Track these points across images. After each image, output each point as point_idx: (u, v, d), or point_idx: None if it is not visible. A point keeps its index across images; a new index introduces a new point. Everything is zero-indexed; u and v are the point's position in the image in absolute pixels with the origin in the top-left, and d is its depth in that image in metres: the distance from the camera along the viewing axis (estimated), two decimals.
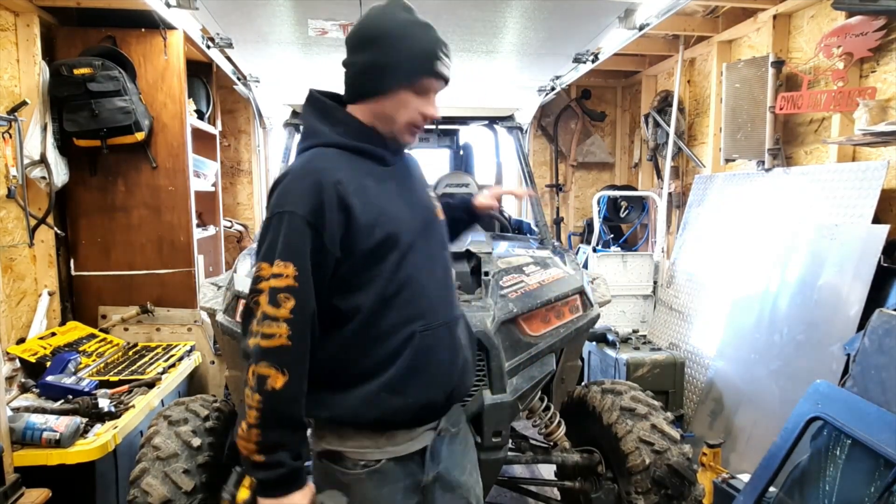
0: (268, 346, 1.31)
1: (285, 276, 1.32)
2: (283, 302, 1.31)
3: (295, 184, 1.39)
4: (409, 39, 1.43)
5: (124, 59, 3.73)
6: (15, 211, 3.42)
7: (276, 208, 1.37)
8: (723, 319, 3.96)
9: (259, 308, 1.32)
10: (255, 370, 1.30)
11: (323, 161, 1.43)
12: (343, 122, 1.48)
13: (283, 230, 1.34)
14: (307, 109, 1.53)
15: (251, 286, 1.36)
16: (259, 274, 1.34)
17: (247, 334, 1.34)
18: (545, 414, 2.56)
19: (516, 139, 3.50)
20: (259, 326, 1.31)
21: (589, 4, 2.71)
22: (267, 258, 1.34)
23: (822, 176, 3.49)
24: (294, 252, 1.34)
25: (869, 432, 2.06)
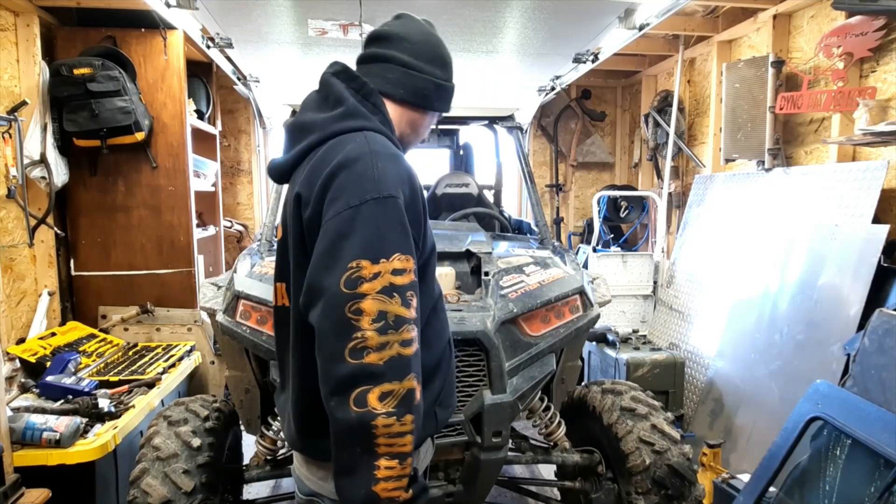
0: (409, 355, 1.10)
1: (408, 270, 1.13)
2: (412, 301, 1.13)
3: (387, 168, 1.20)
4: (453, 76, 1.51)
5: (124, 59, 3.73)
6: (15, 211, 3.42)
7: (366, 193, 1.14)
8: (723, 319, 3.96)
9: (364, 317, 1.08)
10: (397, 388, 1.08)
11: (395, 147, 1.32)
12: (382, 112, 1.39)
13: (392, 218, 1.15)
14: (340, 85, 1.37)
15: (343, 293, 1.10)
16: (358, 275, 1.10)
17: (347, 354, 1.08)
18: (545, 414, 2.56)
19: (516, 139, 3.50)
20: (387, 336, 1.08)
21: (589, 4, 2.71)
22: (368, 253, 1.11)
23: (822, 176, 3.49)
24: (410, 243, 1.17)
25: (869, 432, 2.06)
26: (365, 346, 1.07)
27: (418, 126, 1.48)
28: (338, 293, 1.09)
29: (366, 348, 1.07)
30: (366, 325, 1.08)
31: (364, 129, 1.30)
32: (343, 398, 1.07)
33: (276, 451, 2.47)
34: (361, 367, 1.07)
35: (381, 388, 1.07)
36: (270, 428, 2.44)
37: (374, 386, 1.07)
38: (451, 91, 1.49)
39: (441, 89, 1.46)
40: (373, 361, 1.07)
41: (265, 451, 2.45)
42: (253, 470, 2.42)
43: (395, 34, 1.43)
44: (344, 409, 1.07)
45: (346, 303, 1.09)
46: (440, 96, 1.46)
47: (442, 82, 1.46)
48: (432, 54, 1.45)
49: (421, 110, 1.46)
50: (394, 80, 1.40)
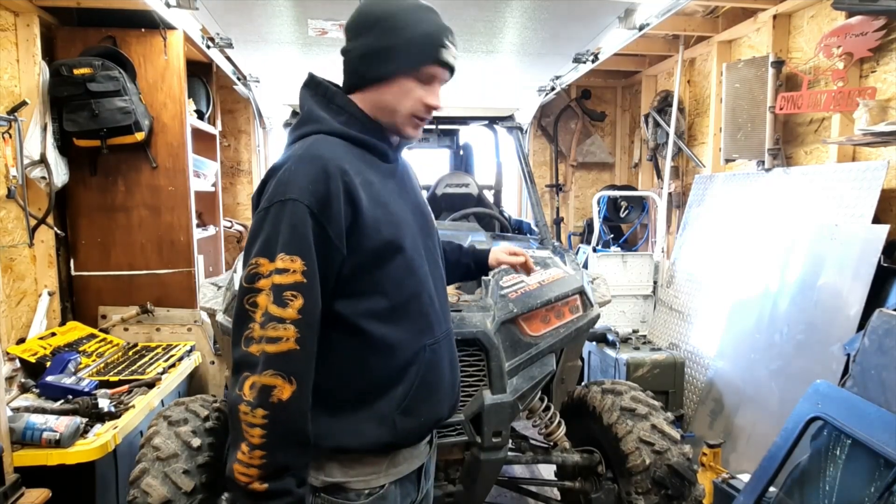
0: (274, 352, 1.15)
1: (292, 270, 1.18)
2: (291, 301, 1.17)
3: (298, 170, 1.23)
4: (412, 23, 1.33)
5: (124, 59, 3.73)
6: (15, 211, 3.42)
7: (275, 197, 1.22)
8: (723, 319, 3.96)
9: (258, 310, 1.17)
10: (258, 381, 1.14)
11: (327, 149, 1.29)
12: (346, 110, 1.36)
13: (286, 220, 1.19)
14: (306, 94, 1.40)
15: (244, 286, 1.20)
16: (256, 271, 1.18)
17: (241, 341, 1.18)
18: (545, 414, 2.56)
19: (516, 139, 3.50)
20: (262, 330, 1.16)
21: (589, 4, 2.71)
22: (265, 252, 1.19)
23: (822, 176, 3.49)
24: (300, 244, 1.19)
25: (869, 432, 2.06)
26: (251, 335, 1.17)
27: (387, 103, 1.36)
28: (242, 285, 1.21)
29: (251, 338, 1.17)
30: (257, 318, 1.17)
31: (314, 133, 1.33)
32: (235, 379, 1.18)
33: None
34: (245, 354, 1.17)
35: (252, 378, 1.15)
36: None
37: (250, 375, 1.15)
38: (383, 50, 1.32)
39: (369, 56, 1.34)
40: (252, 351, 1.16)
41: None
42: None
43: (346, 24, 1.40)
44: (232, 388, 1.19)
45: (245, 294, 1.19)
46: (372, 62, 1.34)
47: (368, 48, 1.33)
48: (355, 26, 1.37)
49: (370, 89, 1.36)
50: (344, 74, 1.40)
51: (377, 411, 1.31)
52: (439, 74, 1.37)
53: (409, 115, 1.37)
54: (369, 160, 1.36)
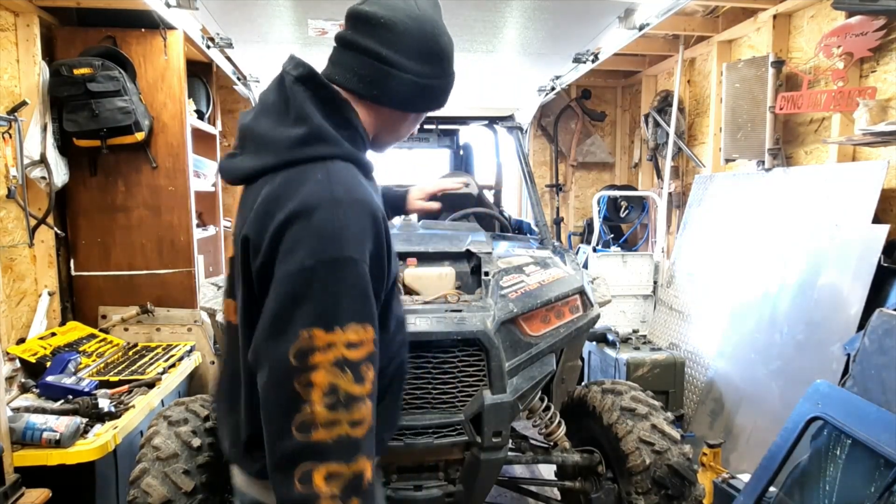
0: (361, 436, 1.00)
1: (365, 342, 1.03)
2: (367, 374, 1.03)
3: (347, 219, 1.06)
4: (452, 71, 1.31)
5: (124, 59, 3.73)
6: (15, 211, 3.42)
7: (324, 252, 1.02)
8: (723, 319, 3.96)
9: (315, 389, 0.98)
10: (349, 471, 0.98)
11: (362, 186, 1.14)
12: (350, 124, 1.22)
13: (350, 283, 1.03)
14: (303, 94, 1.19)
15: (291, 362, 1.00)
16: (311, 345, 0.99)
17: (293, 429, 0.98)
18: (545, 414, 2.56)
19: (516, 139, 3.50)
20: (337, 413, 0.99)
21: (589, 4, 2.71)
22: (327, 322, 1.00)
23: (822, 176, 3.49)
24: (369, 311, 1.06)
25: (869, 432, 2.06)
26: (313, 420, 0.98)
27: (398, 128, 1.32)
28: (286, 364, 1.00)
29: (314, 424, 0.98)
30: (316, 399, 0.99)
31: (328, 158, 1.15)
32: (288, 474, 0.98)
33: None
34: (308, 443, 0.98)
35: (327, 468, 0.98)
36: None
37: (320, 464, 0.98)
38: (442, 88, 1.29)
39: (428, 90, 1.26)
40: (321, 439, 0.98)
41: None
42: None
43: (376, 17, 1.20)
44: (288, 485, 0.99)
45: (296, 375, 1.00)
46: (427, 96, 1.27)
47: (429, 81, 1.25)
48: (420, 47, 1.22)
49: (396, 110, 1.27)
50: (367, 77, 1.21)
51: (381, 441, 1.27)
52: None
53: (398, 140, 1.37)
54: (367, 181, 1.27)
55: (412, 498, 2.21)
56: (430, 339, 2.10)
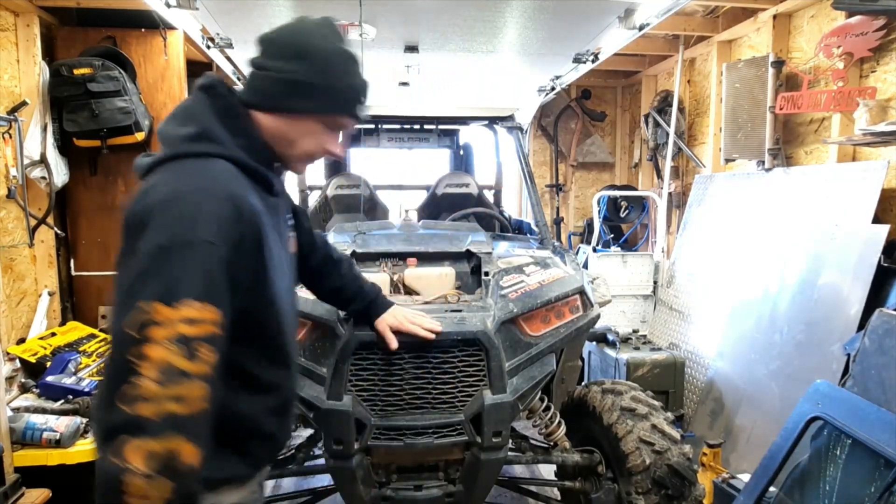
0: (182, 414, 1.00)
1: (205, 321, 1.04)
2: (203, 355, 1.03)
3: (206, 206, 1.10)
4: (343, 72, 1.31)
5: (124, 59, 3.73)
6: (15, 211, 3.42)
7: (178, 233, 1.06)
8: (723, 319, 3.96)
9: (149, 363, 0.99)
10: (157, 447, 0.97)
11: (234, 182, 1.19)
12: (247, 133, 1.28)
13: (199, 265, 1.06)
14: (203, 100, 1.28)
15: (128, 334, 1.01)
16: (150, 318, 1.00)
17: (122, 400, 0.98)
18: (545, 414, 2.56)
19: (516, 139, 3.50)
20: (162, 388, 0.98)
21: (589, 4, 2.71)
22: (165, 297, 1.02)
23: (822, 176, 3.49)
24: (216, 293, 1.07)
25: (869, 432, 2.06)
26: (138, 394, 0.98)
27: (289, 137, 1.30)
28: (124, 335, 1.01)
29: (139, 397, 0.97)
30: (146, 373, 0.98)
31: (211, 156, 1.20)
32: (107, 444, 0.98)
33: None
34: (129, 416, 0.97)
35: (141, 444, 0.96)
36: None
37: (136, 439, 0.96)
38: (309, 86, 1.28)
39: (295, 85, 1.27)
40: (141, 413, 0.97)
41: None
42: None
43: (267, 38, 1.32)
44: (105, 455, 0.98)
45: (131, 346, 1.00)
46: (295, 93, 1.27)
47: (294, 76, 1.27)
48: (287, 47, 1.29)
49: (280, 115, 1.29)
50: (252, 86, 1.30)
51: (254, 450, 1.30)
52: (347, 126, 1.37)
53: (305, 155, 1.35)
54: (260, 193, 1.28)
55: (412, 498, 2.21)
56: (430, 339, 2.10)
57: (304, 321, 2.18)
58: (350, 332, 2.06)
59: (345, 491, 2.24)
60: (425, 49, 3.02)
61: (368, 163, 4.96)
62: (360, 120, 1.37)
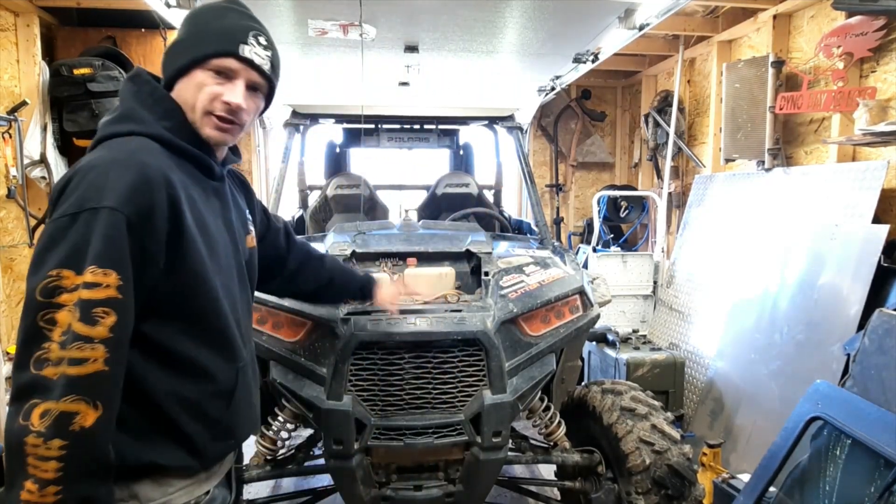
0: (78, 374, 1.03)
1: (105, 285, 1.07)
2: (102, 318, 1.06)
3: (116, 175, 1.12)
4: (214, 18, 1.32)
5: (124, 59, 3.73)
6: (15, 211, 3.42)
7: (85, 202, 1.09)
8: (723, 319, 3.96)
9: (56, 328, 1.03)
10: (55, 408, 1.01)
11: (150, 155, 1.19)
12: (174, 116, 1.28)
13: (100, 230, 1.08)
14: (129, 89, 1.30)
15: (38, 300, 1.05)
16: (57, 284, 1.04)
17: (30, 364, 1.02)
18: (545, 414, 2.56)
19: (516, 139, 3.50)
20: (63, 350, 1.03)
21: (589, 4, 2.71)
22: (71, 264, 1.06)
23: (822, 176, 3.49)
24: (117, 258, 1.09)
25: (869, 432, 2.06)
26: (47, 357, 1.03)
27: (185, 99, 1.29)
28: (34, 300, 1.05)
29: (47, 360, 1.02)
30: (55, 337, 1.03)
31: (132, 134, 1.23)
32: (18, 406, 1.03)
33: (276, 451, 2.47)
34: (36, 378, 1.02)
35: (45, 405, 1.01)
36: (270, 428, 2.44)
37: (42, 401, 1.01)
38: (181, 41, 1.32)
39: (171, 49, 1.33)
40: (47, 375, 1.02)
41: (265, 451, 2.45)
42: (253, 470, 2.42)
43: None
44: (13, 418, 1.03)
45: (40, 310, 1.04)
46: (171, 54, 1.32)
47: (176, 39, 1.33)
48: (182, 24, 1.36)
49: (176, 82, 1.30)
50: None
51: (187, 436, 1.24)
52: (238, 70, 1.29)
53: (205, 112, 1.28)
54: (194, 174, 1.29)
55: (412, 498, 2.21)
56: (430, 339, 2.10)
57: (304, 321, 2.18)
58: (350, 332, 2.06)
59: (345, 491, 2.24)
60: (425, 49, 3.02)
61: (368, 163, 4.96)
62: (247, 61, 1.30)
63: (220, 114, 1.28)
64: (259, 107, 1.38)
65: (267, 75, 1.34)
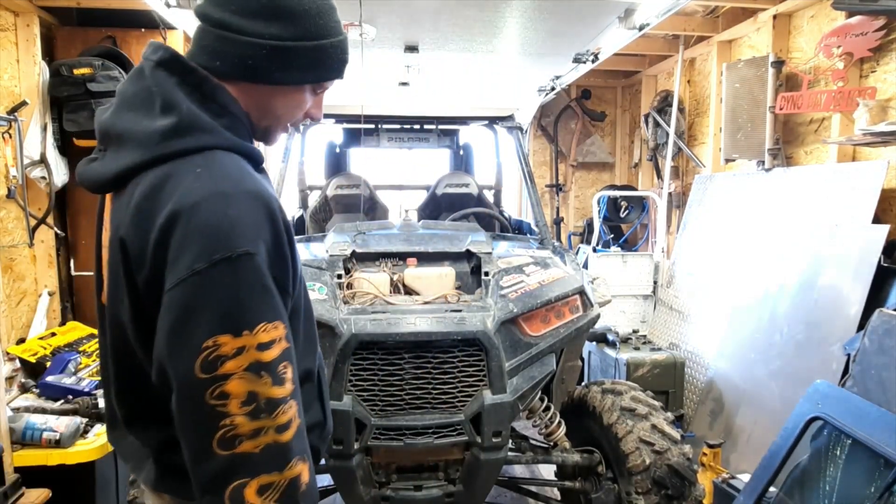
0: (290, 440, 0.94)
1: (278, 340, 0.95)
2: (285, 373, 0.96)
3: (242, 208, 0.96)
4: (328, 28, 1.11)
5: (124, 59, 3.72)
6: (15, 211, 3.42)
7: (211, 252, 0.92)
8: (723, 319, 3.96)
9: (233, 398, 0.91)
10: (282, 479, 0.93)
11: (250, 176, 1.03)
12: (230, 110, 1.09)
13: (247, 280, 0.94)
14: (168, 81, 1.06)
15: (199, 378, 0.91)
16: (217, 353, 0.90)
17: (216, 446, 0.91)
18: (545, 414, 2.56)
19: (516, 139, 3.51)
20: (260, 421, 0.92)
21: (589, 4, 2.71)
22: (232, 326, 0.91)
23: (822, 176, 3.49)
24: (276, 306, 0.97)
25: (869, 432, 2.06)
26: (236, 433, 0.91)
27: (273, 109, 1.13)
28: (194, 380, 0.91)
29: (237, 436, 0.91)
30: (234, 410, 0.90)
31: (206, 149, 1.02)
32: (218, 496, 0.91)
33: None
34: (234, 458, 0.91)
35: (258, 481, 0.91)
36: None
37: (252, 479, 0.91)
38: (298, 54, 1.08)
39: (283, 53, 1.07)
40: (247, 450, 0.91)
41: None
42: None
43: None
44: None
45: (207, 389, 0.90)
46: (285, 62, 1.08)
47: (279, 43, 1.06)
48: (259, 5, 1.05)
49: (261, 85, 1.10)
50: (209, 48, 1.07)
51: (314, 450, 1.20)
52: (330, 85, 1.20)
53: (288, 125, 1.19)
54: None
55: (412, 498, 2.21)
56: (430, 339, 2.10)
57: None
58: (350, 332, 2.06)
59: (345, 491, 2.24)
60: (425, 49, 3.02)
61: (368, 163, 4.96)
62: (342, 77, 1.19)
63: (297, 123, 1.19)
64: None
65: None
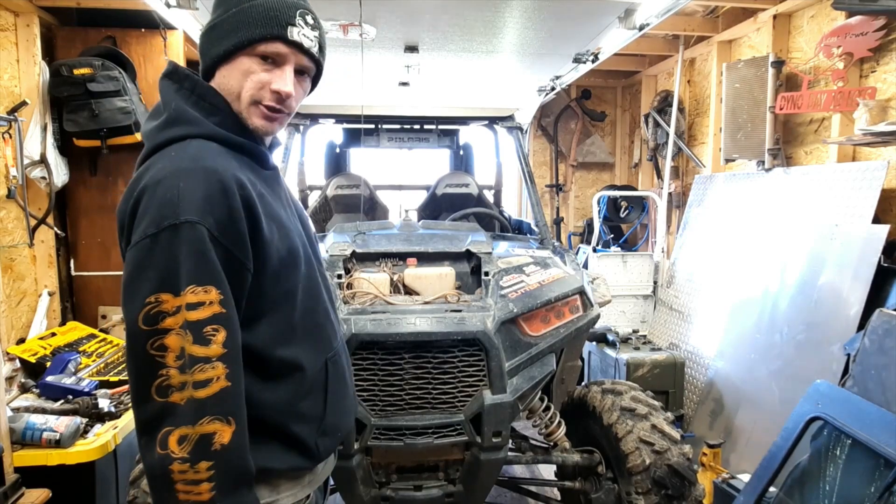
0: (206, 396, 1.03)
1: (208, 303, 1.05)
2: (213, 336, 1.05)
3: (188, 186, 1.07)
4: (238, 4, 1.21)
5: (124, 59, 3.73)
6: (15, 211, 3.42)
7: (162, 220, 1.04)
8: (723, 319, 3.96)
9: (169, 353, 1.02)
10: (192, 432, 1.02)
11: (213, 157, 1.14)
12: (220, 108, 1.21)
13: (186, 247, 1.04)
14: (169, 87, 1.23)
15: (142, 329, 1.03)
16: (158, 310, 1.02)
17: (153, 393, 1.02)
18: (545, 414, 2.56)
19: (516, 139, 3.51)
20: (185, 374, 1.02)
21: (589, 4, 2.71)
22: (167, 287, 1.03)
23: (822, 176, 3.49)
24: (211, 272, 1.06)
25: (869, 432, 2.06)
26: (169, 384, 1.02)
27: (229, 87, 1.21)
28: (137, 330, 1.03)
29: (170, 387, 1.02)
30: (171, 363, 1.02)
31: (187, 137, 1.16)
32: (150, 438, 1.03)
33: None
34: (165, 406, 1.02)
35: (180, 431, 1.02)
36: None
37: (175, 428, 1.02)
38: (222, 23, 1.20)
39: (211, 31, 1.22)
40: (175, 401, 1.02)
41: None
42: None
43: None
44: (150, 449, 1.03)
45: (148, 339, 1.03)
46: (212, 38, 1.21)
47: (216, 21, 1.21)
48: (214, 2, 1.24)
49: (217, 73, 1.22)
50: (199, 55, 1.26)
51: (297, 436, 1.23)
52: (286, 54, 1.20)
53: (252, 102, 1.21)
54: (253, 168, 1.23)
55: (412, 498, 2.21)
56: (431, 339, 2.10)
57: None
58: (350, 332, 2.06)
59: (345, 491, 2.24)
60: (425, 49, 3.02)
61: (368, 163, 4.96)
62: (296, 44, 1.21)
63: (269, 103, 1.21)
64: (306, 90, 1.30)
65: (315, 58, 1.26)
